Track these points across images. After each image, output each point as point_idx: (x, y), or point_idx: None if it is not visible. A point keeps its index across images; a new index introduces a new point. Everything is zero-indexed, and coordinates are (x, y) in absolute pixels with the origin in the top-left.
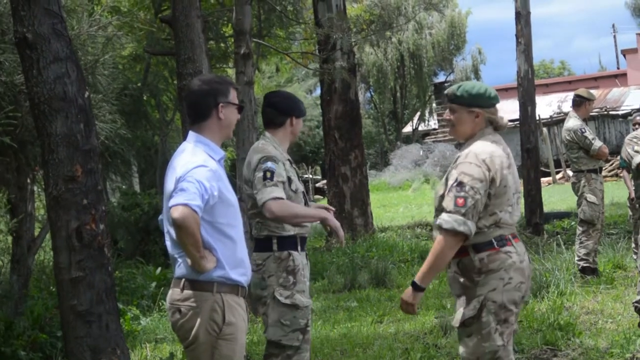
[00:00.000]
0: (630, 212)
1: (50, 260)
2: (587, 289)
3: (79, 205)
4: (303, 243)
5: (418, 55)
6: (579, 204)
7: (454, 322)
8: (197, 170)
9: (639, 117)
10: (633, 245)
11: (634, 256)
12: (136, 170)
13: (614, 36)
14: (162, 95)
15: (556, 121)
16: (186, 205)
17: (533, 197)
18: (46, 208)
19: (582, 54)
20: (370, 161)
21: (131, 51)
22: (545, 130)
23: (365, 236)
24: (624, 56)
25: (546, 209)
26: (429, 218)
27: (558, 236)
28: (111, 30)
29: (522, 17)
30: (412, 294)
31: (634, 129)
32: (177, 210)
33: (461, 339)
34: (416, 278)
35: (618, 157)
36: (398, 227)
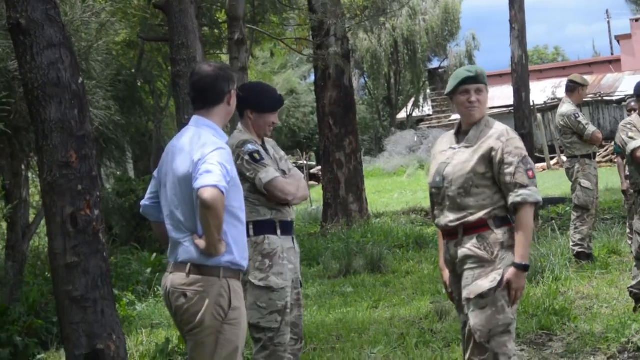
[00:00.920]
0: (624, 198)
1: (45, 246)
2: (582, 274)
3: (74, 191)
4: (285, 227)
5: (412, 41)
6: (573, 190)
7: (469, 294)
8: (218, 152)
9: (633, 103)
10: (627, 230)
11: (629, 241)
12: (130, 156)
13: (608, 22)
14: (156, 81)
15: (550, 107)
16: (215, 186)
17: None
18: (41, 194)
19: (576, 40)
20: (364, 147)
21: (125, 37)
22: (539, 116)
23: (360, 222)
24: (618, 42)
25: (541, 195)
26: (424, 204)
27: (553, 222)
28: (105, 16)
29: (516, 3)
30: (522, 275)
31: (628, 115)
32: (207, 191)
33: (473, 311)
34: (522, 260)
35: (612, 143)
36: (393, 213)
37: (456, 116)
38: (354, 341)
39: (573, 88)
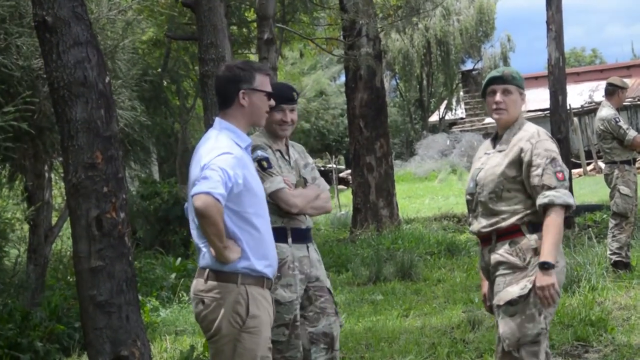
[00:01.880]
0: None
1: (67, 249)
2: (620, 284)
3: (99, 193)
4: (298, 235)
5: (445, 42)
6: (612, 196)
7: (498, 300)
8: (222, 157)
9: None
10: None
11: None
12: (156, 158)
13: None
14: (183, 81)
15: (587, 111)
16: (208, 193)
17: None
18: (65, 196)
19: (615, 42)
20: (395, 151)
21: (151, 36)
22: (576, 120)
23: (390, 228)
24: None
25: (577, 201)
26: (456, 210)
27: (589, 229)
28: (131, 14)
29: (553, 3)
30: (547, 273)
31: None
32: (200, 198)
33: (503, 319)
34: (546, 258)
35: None
36: (424, 219)
37: (490, 120)
38: (384, 350)
39: (612, 91)
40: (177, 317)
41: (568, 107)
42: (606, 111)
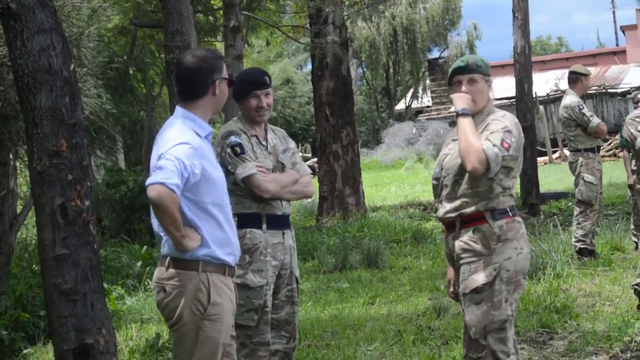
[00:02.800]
0: (629, 193)
1: (32, 237)
2: (585, 271)
3: (64, 181)
4: (273, 221)
5: (412, 30)
6: (577, 184)
7: (464, 289)
8: (178, 147)
9: None
10: (632, 226)
11: (633, 238)
12: (121, 146)
13: (613, 12)
14: (149, 69)
15: (553, 99)
16: (162, 184)
17: (529, 177)
18: (30, 184)
19: (581, 30)
20: (362, 139)
21: (117, 23)
22: (541, 108)
23: (357, 216)
24: (624, 33)
25: (542, 189)
26: (422, 198)
27: (554, 217)
28: (97, 1)
29: None
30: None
31: (635, 107)
32: (154, 189)
33: (468, 307)
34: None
35: (617, 137)
36: (390, 207)
37: None
38: (350, 338)
39: (576, 79)
40: (143, 305)
41: (534, 95)
42: (570, 99)
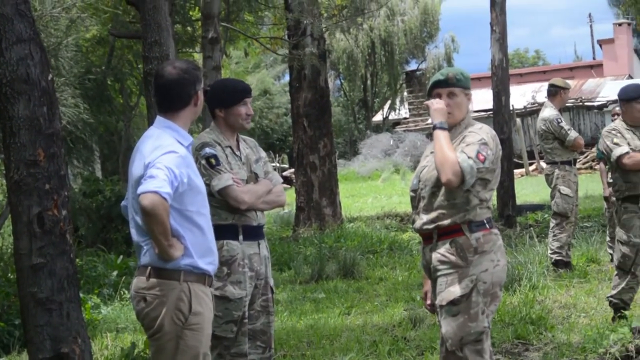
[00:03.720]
0: (605, 205)
1: (8, 246)
2: (560, 283)
3: (41, 190)
4: (249, 232)
5: (389, 42)
6: (553, 196)
7: (441, 300)
8: (167, 156)
9: (618, 108)
10: (607, 238)
11: (609, 250)
12: (98, 156)
13: (591, 26)
14: (127, 79)
15: (530, 111)
16: (156, 192)
17: (506, 189)
18: (7, 193)
19: (558, 44)
20: (339, 150)
21: (95, 34)
22: (518, 120)
23: (333, 226)
24: (601, 46)
25: (519, 201)
26: (399, 209)
27: (531, 229)
28: (75, 11)
29: (497, 5)
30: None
31: (613, 120)
32: (147, 197)
33: (445, 319)
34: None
35: (593, 149)
36: (367, 218)
37: None
38: (325, 348)
39: (555, 92)
40: (119, 315)
41: (511, 108)
42: (548, 112)
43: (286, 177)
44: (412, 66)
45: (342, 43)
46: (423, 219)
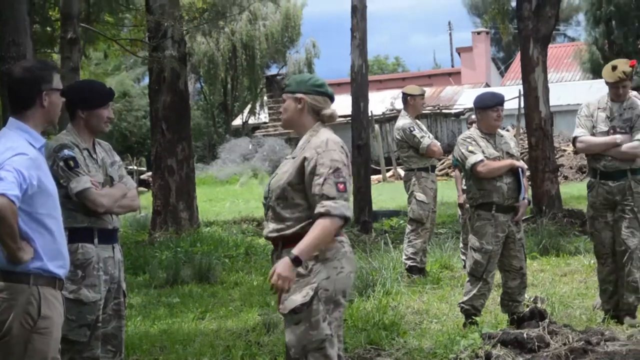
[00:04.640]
0: (459, 212)
1: None
2: (414, 289)
3: None
4: (104, 235)
5: (251, 46)
6: (409, 202)
7: (283, 309)
8: (16, 158)
9: (474, 116)
10: (461, 245)
11: (462, 256)
12: None
13: (450, 34)
14: None
15: (388, 118)
16: (3, 195)
17: (362, 195)
18: None
19: (418, 51)
20: (198, 154)
21: None
22: (377, 127)
23: (190, 230)
24: (459, 54)
25: (375, 207)
26: (256, 213)
27: (386, 234)
28: None
29: (358, 11)
30: (293, 268)
31: (469, 128)
32: None
33: (288, 327)
34: (298, 252)
35: (449, 156)
36: (224, 222)
37: None
38: (178, 353)
39: (408, 100)
40: None
41: (370, 114)
42: (402, 121)
43: (144, 180)
44: (273, 71)
45: (203, 46)
46: (269, 227)
